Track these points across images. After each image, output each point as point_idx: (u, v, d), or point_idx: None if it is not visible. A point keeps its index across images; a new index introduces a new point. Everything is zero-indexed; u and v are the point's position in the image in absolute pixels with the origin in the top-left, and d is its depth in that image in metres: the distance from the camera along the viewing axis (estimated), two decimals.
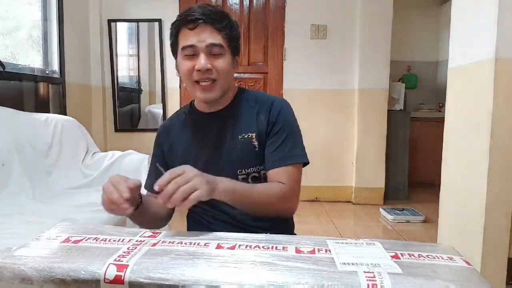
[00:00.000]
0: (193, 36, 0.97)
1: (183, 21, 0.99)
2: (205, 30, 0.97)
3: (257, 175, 1.04)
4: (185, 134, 1.11)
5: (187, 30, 0.98)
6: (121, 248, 0.69)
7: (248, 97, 1.10)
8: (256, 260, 0.66)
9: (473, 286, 0.59)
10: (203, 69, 0.96)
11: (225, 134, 1.05)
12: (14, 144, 1.89)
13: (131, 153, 2.16)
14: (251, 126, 1.04)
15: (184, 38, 0.98)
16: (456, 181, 1.48)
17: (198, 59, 0.97)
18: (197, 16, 0.96)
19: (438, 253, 0.71)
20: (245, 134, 1.03)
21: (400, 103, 3.61)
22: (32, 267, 0.63)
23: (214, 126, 1.06)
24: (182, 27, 0.99)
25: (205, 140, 1.07)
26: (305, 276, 0.61)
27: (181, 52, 1.00)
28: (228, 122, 1.06)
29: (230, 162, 1.03)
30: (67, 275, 0.62)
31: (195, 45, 0.97)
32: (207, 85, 0.99)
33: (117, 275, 0.61)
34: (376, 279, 0.59)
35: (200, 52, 0.97)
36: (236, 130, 1.04)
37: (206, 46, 0.97)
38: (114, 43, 3.44)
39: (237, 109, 1.07)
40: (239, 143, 1.03)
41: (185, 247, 0.70)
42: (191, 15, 0.97)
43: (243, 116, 1.06)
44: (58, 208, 1.69)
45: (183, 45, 0.98)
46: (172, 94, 3.48)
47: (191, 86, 1.01)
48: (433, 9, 4.52)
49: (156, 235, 0.77)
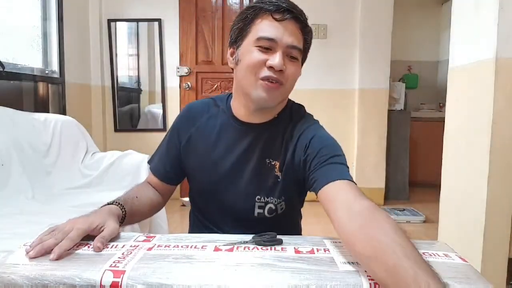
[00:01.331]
0: (277, 29, 0.84)
1: (268, 6, 0.85)
2: (291, 27, 0.86)
3: (273, 207, 0.93)
4: (212, 133, 0.97)
5: (271, 18, 0.85)
6: (116, 254, 0.67)
7: (291, 116, 0.96)
8: (256, 261, 0.65)
9: (471, 282, 0.60)
10: (277, 68, 0.84)
11: (253, 152, 0.93)
12: (14, 144, 1.88)
13: (130, 153, 2.15)
14: (278, 154, 0.92)
15: (265, 27, 0.85)
16: (456, 181, 1.48)
17: (273, 55, 0.84)
18: (286, 7, 0.85)
19: (434, 250, 0.72)
20: (272, 160, 0.92)
21: (401, 103, 3.60)
22: (23, 276, 0.60)
23: (245, 139, 0.93)
24: (264, 13, 0.85)
25: (230, 150, 0.94)
26: (306, 276, 0.60)
27: (254, 41, 0.85)
28: (261, 139, 0.93)
29: (250, 185, 0.92)
30: (61, 283, 0.59)
31: (276, 40, 0.84)
32: (272, 85, 0.85)
33: (114, 281, 0.58)
34: None
35: (278, 49, 0.84)
36: (266, 152, 0.92)
37: (287, 46, 0.85)
38: (114, 43, 3.43)
39: (277, 128, 0.94)
40: (266, 167, 0.92)
41: (182, 251, 0.69)
42: (278, 4, 0.84)
43: (275, 140, 0.93)
44: (57, 208, 1.69)
45: (262, 35, 0.84)
46: (172, 94, 3.48)
47: (253, 81, 0.86)
48: (434, 9, 4.51)
49: (151, 239, 0.75)
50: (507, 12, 1.19)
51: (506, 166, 1.23)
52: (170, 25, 3.41)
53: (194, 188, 1.04)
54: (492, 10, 1.22)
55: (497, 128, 1.22)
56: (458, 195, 1.46)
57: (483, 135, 1.26)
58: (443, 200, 1.57)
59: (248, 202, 0.93)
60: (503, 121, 1.22)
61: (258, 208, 0.93)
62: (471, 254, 1.29)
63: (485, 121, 1.25)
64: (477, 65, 1.32)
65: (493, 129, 1.22)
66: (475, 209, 1.30)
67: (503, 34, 1.20)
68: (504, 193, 1.24)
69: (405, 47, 4.41)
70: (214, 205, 0.99)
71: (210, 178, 0.96)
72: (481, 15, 1.30)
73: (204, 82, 3.49)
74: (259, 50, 0.85)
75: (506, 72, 1.21)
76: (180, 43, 3.44)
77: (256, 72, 0.85)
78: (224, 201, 0.96)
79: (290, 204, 0.97)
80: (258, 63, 0.85)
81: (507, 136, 1.22)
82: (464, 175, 1.41)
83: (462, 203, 1.42)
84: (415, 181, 3.84)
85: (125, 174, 2.06)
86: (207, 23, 3.43)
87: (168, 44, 3.43)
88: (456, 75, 1.50)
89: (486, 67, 1.25)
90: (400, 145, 3.55)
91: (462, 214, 1.41)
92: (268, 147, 0.93)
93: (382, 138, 3.39)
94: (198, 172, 0.99)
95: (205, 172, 0.97)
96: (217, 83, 3.47)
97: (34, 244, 0.67)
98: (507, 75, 1.21)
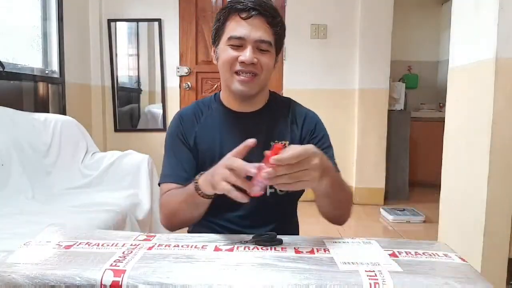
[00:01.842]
0: (244, 27, 0.93)
1: (235, 7, 0.93)
2: (257, 23, 0.93)
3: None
4: (213, 129, 1.03)
5: (238, 18, 0.93)
6: (116, 253, 0.66)
7: (281, 103, 1.08)
8: (256, 261, 0.65)
9: (471, 282, 0.60)
10: (248, 62, 0.93)
11: (257, 138, 0.98)
12: (14, 144, 1.88)
13: (130, 153, 2.15)
14: (285, 135, 1.03)
15: (234, 27, 0.94)
16: (456, 181, 1.48)
17: (244, 51, 0.93)
18: (252, 6, 0.92)
19: (434, 250, 0.72)
20: (278, 142, 1.01)
21: (401, 103, 3.60)
22: (24, 275, 0.60)
23: (246, 127, 1.02)
24: (233, 14, 0.94)
25: (235, 140, 0.99)
26: (306, 276, 0.60)
27: (227, 40, 0.95)
28: (262, 125, 1.02)
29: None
30: (61, 282, 0.59)
31: (244, 38, 0.93)
32: (247, 78, 0.95)
33: (115, 280, 0.58)
34: (377, 277, 0.60)
35: (248, 45, 0.93)
36: (270, 135, 1.01)
37: (255, 41, 0.93)
38: (113, 43, 3.43)
39: (272, 114, 1.04)
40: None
41: (183, 250, 0.69)
42: (245, 3, 0.92)
43: (277, 123, 1.04)
44: (57, 208, 1.69)
45: (231, 34, 0.94)
46: (172, 94, 3.48)
47: (229, 76, 0.97)
48: (434, 9, 4.51)
49: (151, 238, 0.75)
50: (507, 12, 1.19)
51: (506, 166, 1.23)
52: (170, 25, 3.41)
53: None
54: (492, 10, 1.22)
55: (497, 128, 1.22)
56: (458, 195, 1.46)
57: (483, 135, 1.26)
58: (443, 200, 1.57)
59: None
60: (503, 121, 1.22)
61: (269, 187, 0.99)
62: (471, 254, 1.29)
63: (485, 121, 1.25)
64: (477, 65, 1.32)
65: (493, 129, 1.22)
66: (475, 209, 1.30)
67: (503, 34, 1.20)
68: (504, 193, 1.24)
69: (405, 47, 4.41)
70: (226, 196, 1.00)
71: None
72: (481, 15, 1.30)
73: (204, 82, 3.49)
74: (231, 48, 0.95)
75: (506, 72, 1.21)
76: (180, 43, 3.44)
77: (230, 67, 0.96)
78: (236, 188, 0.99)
79: None
80: (231, 59, 0.95)
81: (507, 136, 1.22)
82: (464, 175, 1.41)
83: (462, 203, 1.42)
84: (415, 181, 3.84)
85: (125, 174, 2.06)
86: (207, 23, 3.43)
87: (168, 44, 3.43)
88: (456, 75, 1.50)
89: (486, 67, 1.25)
90: (400, 145, 3.55)
91: (462, 214, 1.41)
92: (271, 130, 1.02)
93: (382, 138, 3.39)
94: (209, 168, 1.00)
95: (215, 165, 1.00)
96: (217, 83, 3.47)
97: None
98: (507, 75, 1.21)
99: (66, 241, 0.72)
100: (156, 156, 2.51)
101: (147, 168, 2.04)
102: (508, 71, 1.21)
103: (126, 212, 1.77)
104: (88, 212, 1.64)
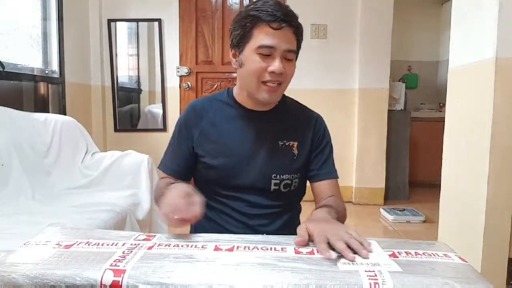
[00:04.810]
0: (275, 37, 0.94)
1: (265, 16, 0.94)
2: (285, 34, 0.95)
3: (289, 182, 1.06)
4: (222, 123, 1.07)
5: (268, 28, 0.94)
6: (116, 253, 0.66)
7: (291, 105, 1.12)
8: (256, 261, 0.65)
9: (471, 282, 0.60)
10: (278, 73, 0.95)
11: (265, 136, 1.05)
12: (14, 144, 1.88)
13: (130, 153, 2.15)
14: (294, 135, 1.07)
15: (264, 36, 0.94)
16: (456, 181, 1.48)
17: (273, 61, 0.95)
18: (282, 18, 0.94)
19: (434, 250, 0.72)
20: (286, 142, 1.06)
21: (401, 103, 3.60)
22: (24, 275, 0.60)
23: (257, 125, 1.06)
24: (261, 23, 0.94)
25: (244, 136, 1.06)
26: (307, 276, 0.60)
27: (256, 48, 0.95)
28: (271, 125, 1.07)
29: (266, 165, 1.04)
30: (62, 282, 0.59)
31: (275, 47, 0.94)
32: (273, 88, 0.97)
33: (115, 280, 0.58)
34: (377, 278, 0.60)
35: (277, 55, 0.95)
36: (278, 135, 1.06)
37: (284, 51, 0.96)
38: (114, 43, 3.43)
39: (281, 115, 1.08)
40: (279, 148, 1.05)
41: (183, 250, 0.69)
42: (275, 14, 0.93)
43: (287, 124, 1.08)
44: (57, 208, 1.69)
45: (262, 43, 0.94)
46: (172, 94, 3.47)
47: (256, 85, 0.98)
48: (434, 9, 4.51)
49: (151, 238, 0.75)
50: (507, 12, 1.19)
51: (506, 166, 1.23)
52: (170, 25, 3.41)
53: (208, 177, 1.08)
54: (492, 10, 1.22)
55: (497, 128, 1.22)
56: (458, 195, 1.46)
57: (483, 135, 1.26)
58: (443, 200, 1.57)
59: (265, 180, 1.04)
60: (503, 121, 1.22)
61: (274, 185, 1.04)
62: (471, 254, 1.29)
63: (485, 121, 1.25)
64: (477, 65, 1.32)
65: (493, 129, 1.22)
66: (475, 209, 1.30)
67: (503, 34, 1.20)
68: (504, 193, 1.24)
69: (405, 47, 4.41)
70: (231, 189, 1.06)
71: (226, 164, 1.04)
72: (481, 15, 1.30)
73: (204, 82, 3.49)
74: (260, 57, 0.96)
75: (506, 72, 1.21)
76: (180, 43, 3.44)
77: (259, 77, 0.97)
78: (241, 182, 1.04)
79: (302, 180, 1.11)
80: (261, 69, 0.96)
81: (507, 136, 1.22)
82: (464, 175, 1.41)
83: (462, 203, 1.42)
84: (415, 181, 3.84)
85: (125, 174, 2.06)
86: (207, 23, 3.43)
87: (168, 44, 3.43)
88: (456, 75, 1.50)
89: (486, 67, 1.25)
90: (400, 145, 3.55)
91: (462, 214, 1.41)
92: (280, 131, 1.06)
93: (382, 138, 3.39)
94: (215, 160, 1.05)
95: (221, 158, 1.04)
96: (217, 83, 3.47)
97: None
98: (507, 75, 1.21)
99: (66, 241, 0.72)
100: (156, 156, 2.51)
101: (147, 168, 2.04)
102: (508, 71, 1.21)
103: (126, 212, 1.77)
104: (88, 212, 1.64)
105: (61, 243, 0.71)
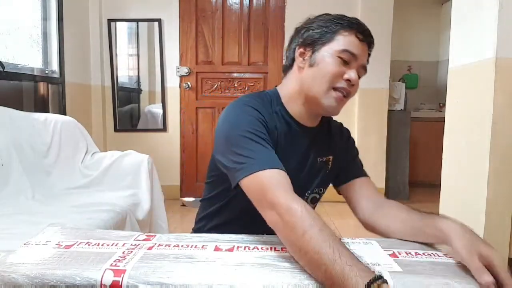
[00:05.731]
0: (359, 48, 0.93)
1: (354, 25, 0.94)
2: (365, 49, 0.96)
3: (317, 196, 1.05)
4: (273, 133, 0.94)
5: (354, 37, 0.93)
6: (116, 253, 0.66)
7: (328, 120, 1.10)
8: (256, 261, 0.65)
9: (471, 282, 0.60)
10: (353, 83, 0.92)
11: (309, 153, 1.02)
12: (13, 144, 1.88)
13: (130, 153, 2.15)
14: (329, 149, 1.05)
15: (351, 43, 0.92)
16: (456, 181, 1.48)
17: (349, 70, 0.92)
18: (369, 33, 0.95)
19: (434, 250, 0.72)
20: (324, 157, 1.04)
21: (401, 103, 3.60)
22: (24, 275, 0.60)
23: (304, 142, 1.01)
24: (348, 30, 0.93)
25: (292, 152, 0.99)
26: (307, 276, 0.60)
27: (339, 51, 0.91)
28: (315, 142, 1.03)
29: (306, 182, 1.02)
30: (62, 282, 0.59)
31: (357, 57, 0.92)
32: (341, 98, 0.93)
33: (115, 280, 0.58)
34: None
35: (354, 65, 0.93)
36: (318, 151, 1.03)
37: (361, 65, 0.95)
38: (114, 43, 3.43)
39: (324, 132, 1.07)
40: (317, 165, 1.03)
41: (183, 250, 0.69)
42: (364, 27, 0.95)
43: (326, 139, 1.06)
44: (57, 208, 1.69)
45: (348, 48, 0.91)
46: (171, 94, 3.48)
47: (326, 89, 0.92)
48: (434, 9, 4.51)
49: (151, 238, 0.75)
50: (507, 12, 1.19)
51: (506, 166, 1.23)
52: (170, 25, 3.41)
53: None
54: (492, 10, 1.22)
55: (497, 128, 1.22)
56: (458, 195, 1.46)
57: (483, 135, 1.26)
58: (443, 200, 1.57)
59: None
60: (503, 121, 1.22)
61: (310, 192, 1.03)
62: None
63: (485, 121, 1.25)
64: (477, 65, 1.32)
65: (493, 129, 1.22)
66: (475, 209, 1.30)
67: (503, 34, 1.20)
68: (504, 193, 1.24)
69: (405, 47, 4.41)
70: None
71: None
72: (481, 15, 1.30)
73: (204, 82, 3.49)
74: (340, 61, 0.91)
75: (506, 72, 1.21)
76: (180, 43, 3.44)
77: (332, 81, 0.91)
78: None
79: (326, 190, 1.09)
80: (338, 73, 0.91)
81: (507, 136, 1.22)
82: (464, 175, 1.41)
83: (462, 203, 1.42)
84: (415, 181, 3.84)
85: (125, 174, 2.06)
86: (207, 23, 3.43)
87: (168, 44, 3.43)
88: (456, 75, 1.50)
89: (486, 67, 1.25)
90: (400, 145, 3.55)
91: (462, 214, 1.41)
92: (319, 147, 1.03)
93: (382, 138, 3.39)
94: None
95: None
96: (217, 83, 3.47)
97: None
98: (507, 75, 1.21)
99: (66, 241, 0.72)
100: (156, 156, 2.51)
101: (147, 168, 2.04)
102: (508, 71, 1.20)
103: (126, 212, 1.77)
104: (88, 212, 1.64)
105: (61, 243, 0.71)
